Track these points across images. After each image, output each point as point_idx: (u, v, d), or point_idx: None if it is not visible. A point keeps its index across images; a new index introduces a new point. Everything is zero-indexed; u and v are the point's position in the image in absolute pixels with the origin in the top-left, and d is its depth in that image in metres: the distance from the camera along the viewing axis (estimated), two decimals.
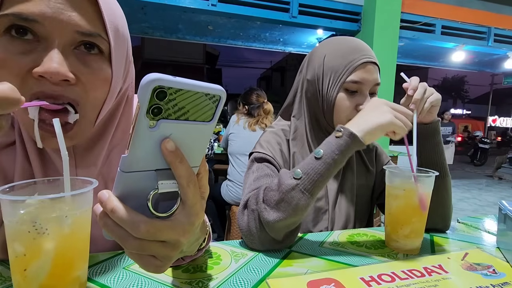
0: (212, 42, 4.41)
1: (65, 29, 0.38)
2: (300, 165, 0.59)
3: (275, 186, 0.58)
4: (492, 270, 0.55)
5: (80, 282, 0.38)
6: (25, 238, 0.32)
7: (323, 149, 0.58)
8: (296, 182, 0.56)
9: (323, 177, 0.57)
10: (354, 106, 0.72)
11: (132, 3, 2.83)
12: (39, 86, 0.38)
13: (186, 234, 0.30)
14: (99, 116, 0.46)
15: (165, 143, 0.27)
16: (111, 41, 0.42)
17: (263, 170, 0.73)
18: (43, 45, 0.38)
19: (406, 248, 0.62)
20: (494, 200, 4.80)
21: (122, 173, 0.27)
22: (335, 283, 0.48)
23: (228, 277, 0.50)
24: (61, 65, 0.38)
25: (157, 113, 0.25)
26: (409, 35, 3.60)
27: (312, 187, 0.56)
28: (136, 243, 0.28)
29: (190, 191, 0.29)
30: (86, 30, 0.40)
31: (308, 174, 0.56)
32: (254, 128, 2.07)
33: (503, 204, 0.63)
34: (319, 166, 0.57)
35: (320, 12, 3.26)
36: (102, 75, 0.43)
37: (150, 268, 0.31)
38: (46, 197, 0.33)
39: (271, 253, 0.59)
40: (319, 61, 0.76)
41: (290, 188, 0.56)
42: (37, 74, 0.37)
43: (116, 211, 0.28)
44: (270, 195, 0.58)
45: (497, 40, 4.00)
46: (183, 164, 0.29)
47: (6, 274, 0.46)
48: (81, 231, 0.37)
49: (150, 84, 0.24)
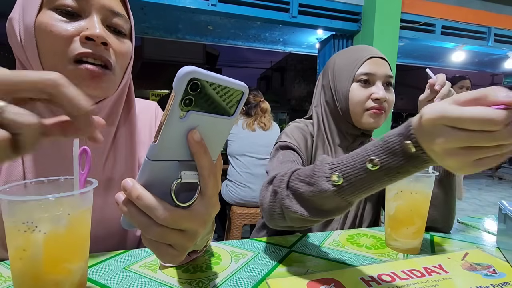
0: (212, 42, 4.40)
1: (103, 8, 0.49)
2: (339, 165, 0.45)
3: (306, 178, 0.49)
4: (492, 270, 0.55)
5: (80, 282, 0.38)
6: (24, 238, 0.32)
7: (381, 159, 0.40)
8: (333, 188, 0.44)
9: (372, 190, 0.43)
10: (368, 95, 0.76)
11: (132, 3, 2.81)
12: (83, 47, 0.47)
13: (204, 224, 0.32)
14: (122, 82, 0.55)
15: (192, 133, 0.28)
16: (132, 22, 0.55)
17: (289, 156, 0.71)
18: (84, 18, 0.48)
19: (406, 248, 0.62)
20: (494, 200, 4.80)
21: (149, 162, 0.28)
22: (335, 283, 0.48)
23: (228, 277, 0.49)
24: (103, 31, 0.48)
25: (188, 104, 0.26)
26: (409, 35, 3.59)
27: (352, 197, 0.44)
28: (158, 230, 0.29)
29: (210, 182, 0.31)
30: (117, 11, 0.51)
31: (351, 183, 0.43)
32: (253, 128, 2.07)
33: (503, 204, 0.63)
34: (368, 178, 0.42)
35: (320, 12, 3.26)
36: (126, 46, 0.54)
37: (167, 258, 0.31)
38: (46, 197, 0.33)
39: (271, 253, 0.59)
40: (331, 68, 0.83)
41: (323, 191, 0.45)
42: (84, 37, 0.46)
43: (142, 198, 0.28)
44: (299, 186, 0.50)
45: (497, 40, 3.99)
46: (207, 155, 0.30)
47: (6, 274, 0.46)
48: (81, 231, 0.37)
49: (187, 75, 0.25)
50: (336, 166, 0.45)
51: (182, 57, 11.29)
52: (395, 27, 3.33)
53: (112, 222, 0.57)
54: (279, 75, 20.84)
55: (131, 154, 0.58)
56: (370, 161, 0.40)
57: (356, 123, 0.80)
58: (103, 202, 0.55)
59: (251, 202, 1.99)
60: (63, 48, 0.46)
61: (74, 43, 0.47)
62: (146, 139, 0.64)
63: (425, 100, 0.69)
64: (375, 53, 0.78)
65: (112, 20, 0.51)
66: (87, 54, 0.47)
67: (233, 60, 39.49)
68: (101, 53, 0.48)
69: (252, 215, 2.00)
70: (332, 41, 3.50)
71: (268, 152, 2.05)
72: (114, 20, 0.51)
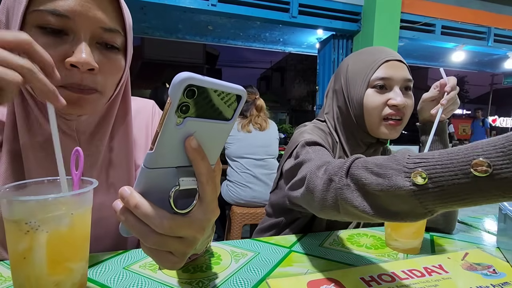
0: (212, 42, 4.40)
1: (91, 25, 0.44)
2: (428, 161, 0.35)
3: (375, 168, 0.40)
4: (492, 270, 0.55)
5: (81, 282, 0.38)
6: (27, 238, 0.32)
7: (495, 164, 0.30)
8: (411, 187, 0.35)
9: (465, 203, 0.33)
10: (385, 101, 0.70)
11: (132, 3, 2.83)
12: (68, 78, 0.44)
13: (202, 231, 0.31)
14: (113, 95, 0.52)
15: (189, 140, 0.28)
16: (128, 36, 0.50)
17: (322, 150, 0.63)
18: (71, 39, 0.44)
19: (406, 248, 0.62)
20: None
21: (146, 169, 0.28)
22: (335, 283, 0.48)
23: (228, 277, 0.49)
24: (89, 56, 0.43)
25: (185, 111, 0.26)
26: (409, 35, 3.59)
27: (435, 205, 0.35)
28: (157, 238, 0.29)
29: (209, 188, 0.30)
30: (108, 27, 0.46)
31: (440, 187, 0.33)
32: (249, 129, 2.04)
33: (503, 204, 0.63)
34: (468, 186, 0.32)
35: (320, 12, 3.26)
36: (118, 64, 0.50)
37: (167, 264, 0.31)
38: (46, 197, 0.33)
39: (271, 253, 0.59)
40: (343, 71, 0.77)
41: (396, 188, 0.37)
42: (69, 64, 0.43)
43: (140, 207, 0.28)
44: (363, 175, 0.42)
45: (497, 40, 3.99)
46: (204, 162, 0.29)
47: (6, 274, 0.46)
48: (83, 230, 0.37)
49: (183, 82, 0.25)
50: (423, 161, 0.35)
51: (182, 57, 11.29)
52: (395, 27, 3.33)
53: (109, 223, 0.57)
54: (279, 75, 20.85)
55: (127, 157, 0.58)
56: (478, 164, 0.30)
57: (371, 132, 0.74)
58: (100, 204, 0.55)
59: (251, 202, 1.99)
60: None
61: (60, 69, 0.42)
62: (142, 141, 0.64)
63: (429, 99, 0.69)
64: (392, 55, 0.72)
65: (103, 37, 0.46)
66: (72, 85, 0.44)
67: (233, 60, 39.46)
68: (87, 81, 0.45)
69: (252, 215, 2.00)
70: (332, 41, 3.50)
71: (267, 152, 2.04)
72: (105, 37, 0.46)
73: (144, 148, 0.63)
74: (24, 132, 0.48)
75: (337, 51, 3.50)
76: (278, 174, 0.81)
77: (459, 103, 0.71)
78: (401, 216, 0.38)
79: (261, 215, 1.99)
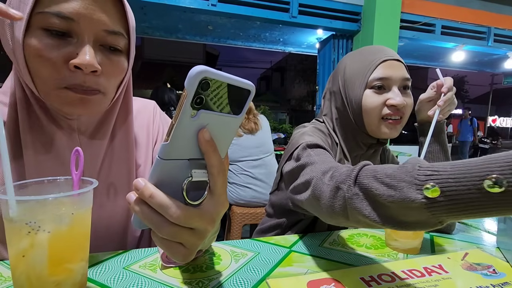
0: (212, 42, 4.40)
1: (95, 28, 0.45)
2: (440, 174, 0.35)
3: (387, 179, 0.40)
4: (492, 270, 0.55)
5: (81, 282, 0.38)
6: (28, 238, 0.32)
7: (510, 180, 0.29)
8: (422, 200, 0.35)
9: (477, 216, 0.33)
10: (384, 101, 0.70)
11: (132, 3, 2.81)
12: (72, 79, 0.44)
13: (213, 223, 0.32)
14: (116, 95, 0.53)
15: (203, 132, 0.29)
16: (131, 39, 0.51)
17: (324, 153, 0.62)
18: (75, 41, 0.44)
19: (406, 248, 0.62)
20: None
21: (161, 161, 0.29)
22: (335, 283, 0.48)
23: (228, 277, 0.50)
24: (93, 58, 0.44)
25: (199, 103, 0.27)
26: (409, 35, 3.59)
27: (447, 217, 0.35)
28: (170, 229, 0.30)
29: (219, 180, 0.31)
30: (112, 29, 0.46)
31: (452, 200, 0.33)
32: (239, 134, 2.00)
33: None
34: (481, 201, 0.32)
35: (320, 12, 3.26)
36: (121, 66, 0.50)
37: (178, 256, 0.32)
38: (46, 197, 0.33)
39: (271, 253, 0.59)
40: (341, 73, 0.76)
41: (407, 201, 0.36)
42: (73, 65, 0.43)
43: (155, 197, 0.29)
44: (374, 185, 0.41)
45: (497, 40, 4.00)
46: (216, 154, 0.30)
47: (6, 274, 0.46)
48: (83, 230, 0.37)
49: (199, 75, 0.25)
50: (435, 174, 0.35)
51: (182, 57, 11.30)
52: (395, 27, 3.33)
53: (109, 223, 0.57)
54: (279, 75, 20.85)
55: (128, 156, 0.58)
56: (493, 181, 0.30)
57: (371, 132, 0.74)
58: (100, 204, 0.55)
59: (251, 202, 1.99)
60: (52, 75, 0.44)
61: (63, 70, 0.44)
62: (143, 141, 0.64)
63: (426, 99, 0.68)
64: (390, 54, 0.71)
65: (106, 39, 0.47)
66: (75, 86, 0.45)
67: (233, 60, 39.48)
68: (90, 83, 0.46)
69: (252, 215, 2.00)
70: (332, 41, 3.50)
71: (262, 151, 2.03)
72: (108, 39, 0.47)
73: (144, 148, 0.63)
74: (26, 132, 0.48)
75: (337, 51, 3.50)
76: (278, 175, 0.81)
77: (457, 103, 0.71)
78: (411, 225, 0.38)
79: (261, 215, 1.99)
